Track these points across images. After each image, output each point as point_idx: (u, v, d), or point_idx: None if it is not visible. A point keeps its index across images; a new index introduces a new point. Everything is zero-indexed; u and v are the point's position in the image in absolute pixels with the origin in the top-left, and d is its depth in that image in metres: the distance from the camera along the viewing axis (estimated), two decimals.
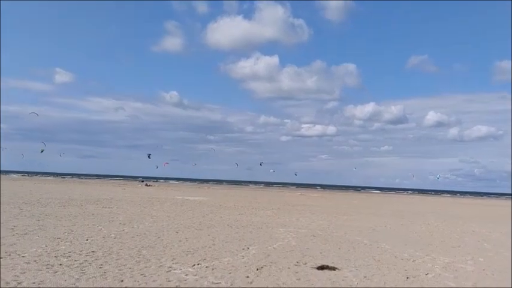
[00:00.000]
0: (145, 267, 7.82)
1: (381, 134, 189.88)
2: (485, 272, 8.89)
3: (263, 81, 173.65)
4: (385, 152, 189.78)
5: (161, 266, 7.98)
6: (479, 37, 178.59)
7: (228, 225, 14.82)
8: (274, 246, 10.87)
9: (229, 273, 7.70)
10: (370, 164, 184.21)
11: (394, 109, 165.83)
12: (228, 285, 6.93)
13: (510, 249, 12.48)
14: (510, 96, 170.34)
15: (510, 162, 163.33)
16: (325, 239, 12.68)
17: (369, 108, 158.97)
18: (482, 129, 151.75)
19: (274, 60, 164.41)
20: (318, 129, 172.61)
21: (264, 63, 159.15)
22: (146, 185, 58.34)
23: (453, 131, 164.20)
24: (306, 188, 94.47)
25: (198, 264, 8.25)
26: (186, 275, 7.42)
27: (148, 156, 52.56)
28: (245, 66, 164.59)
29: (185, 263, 8.35)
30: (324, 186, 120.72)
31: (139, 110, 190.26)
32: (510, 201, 72.64)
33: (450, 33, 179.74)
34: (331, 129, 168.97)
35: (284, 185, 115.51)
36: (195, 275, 7.41)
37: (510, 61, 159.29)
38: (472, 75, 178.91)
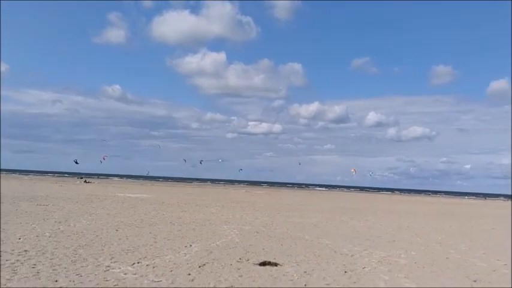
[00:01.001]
0: (82, 266, 7.51)
1: (324, 132, 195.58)
2: (416, 265, 9.39)
3: (210, 78, 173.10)
4: (327, 150, 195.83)
5: (99, 265, 7.70)
6: (418, 42, 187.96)
7: (170, 222, 14.59)
8: (217, 243, 10.84)
9: (171, 271, 7.58)
10: (314, 161, 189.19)
11: (337, 109, 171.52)
12: (169, 283, 6.82)
13: (438, 242, 13.27)
14: (443, 99, 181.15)
15: (443, 161, 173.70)
16: (268, 235, 12.83)
17: (314, 107, 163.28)
18: (417, 130, 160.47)
19: (221, 56, 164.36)
20: (264, 127, 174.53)
21: (211, 59, 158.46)
22: (85, 181, 56.02)
23: (391, 131, 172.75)
24: (251, 185, 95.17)
25: (138, 263, 8.04)
26: (125, 274, 7.22)
27: (76, 162, 50.81)
28: (192, 62, 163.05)
29: (124, 261, 8.11)
30: (268, 184, 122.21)
31: (79, 104, 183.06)
32: (439, 198, 77.40)
33: (391, 37, 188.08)
34: (277, 127, 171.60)
35: (229, 182, 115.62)
36: (135, 274, 7.22)
37: (445, 66, 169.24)
38: (410, 78, 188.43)
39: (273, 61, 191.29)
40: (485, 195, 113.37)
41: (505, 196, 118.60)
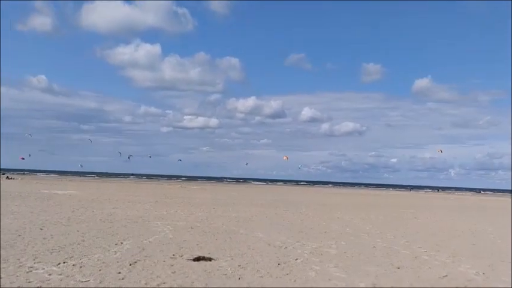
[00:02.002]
0: (3, 268, 6.99)
1: (260, 127, 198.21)
2: (346, 254, 9.78)
3: (143, 70, 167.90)
4: (264, 144, 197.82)
5: (21, 266, 7.22)
6: (350, 39, 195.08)
7: (100, 220, 14.01)
8: (150, 239, 10.58)
9: (99, 270, 7.27)
10: (250, 156, 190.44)
11: (273, 104, 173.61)
12: (98, 282, 6.54)
13: (366, 232, 13.94)
14: (373, 96, 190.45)
15: (371, 155, 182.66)
16: (203, 230, 12.74)
17: (251, 102, 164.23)
18: (349, 125, 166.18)
19: (156, 48, 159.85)
20: (200, 121, 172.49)
21: (145, 50, 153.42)
22: (8, 177, 52.31)
23: (325, 126, 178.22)
24: (187, 180, 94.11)
25: (64, 263, 7.63)
26: (50, 274, 6.82)
27: None
28: (124, 53, 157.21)
29: (49, 261, 7.67)
30: (205, 178, 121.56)
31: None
32: (368, 190, 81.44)
33: (325, 34, 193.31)
34: (214, 121, 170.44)
35: (165, 177, 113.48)
36: (60, 274, 6.85)
37: (375, 64, 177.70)
38: (343, 75, 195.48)
39: (209, 54, 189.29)
40: (411, 187, 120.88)
41: (429, 187, 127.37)
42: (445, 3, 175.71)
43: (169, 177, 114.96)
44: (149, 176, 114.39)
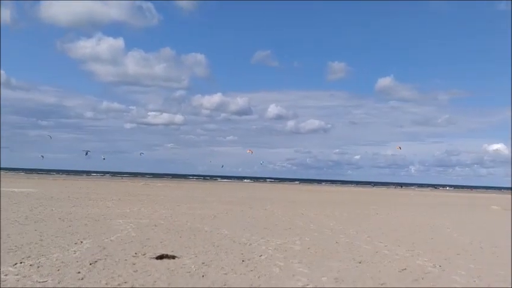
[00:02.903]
0: None
1: (226, 124, 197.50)
2: (309, 250, 9.90)
3: (106, 64, 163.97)
4: (229, 141, 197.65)
5: None
6: (316, 38, 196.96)
7: (59, 218, 13.58)
8: (112, 238, 10.35)
9: (58, 270, 7.05)
10: (216, 153, 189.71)
11: (240, 101, 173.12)
12: (56, 283, 6.34)
13: (330, 228, 14.17)
14: (337, 94, 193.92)
15: (336, 152, 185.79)
16: (167, 228, 12.59)
17: (216, 98, 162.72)
18: (314, 123, 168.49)
19: (119, 42, 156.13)
20: (165, 117, 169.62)
21: (108, 44, 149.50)
22: None
23: (291, 124, 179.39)
24: (151, 178, 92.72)
25: (20, 263, 7.35)
26: (6, 275, 6.56)
27: None
28: (86, 46, 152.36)
29: (5, 262, 7.36)
30: (169, 176, 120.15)
31: None
32: (332, 187, 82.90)
33: (291, 32, 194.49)
34: (179, 118, 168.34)
35: (130, 174, 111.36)
36: (17, 275, 6.60)
37: (340, 62, 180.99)
38: (308, 73, 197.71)
39: (175, 50, 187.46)
40: (373, 183, 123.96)
41: (393, 184, 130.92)
42: (409, 3, 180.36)
43: (134, 175, 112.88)
44: (112, 174, 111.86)
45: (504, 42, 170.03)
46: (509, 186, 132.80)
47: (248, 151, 57.87)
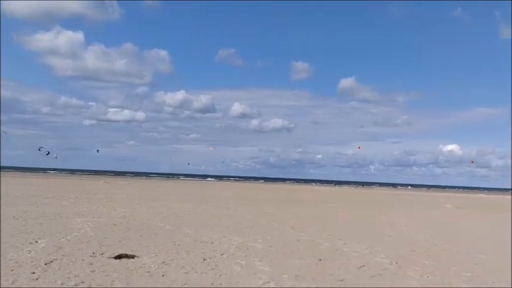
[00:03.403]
0: None
1: (190, 122, 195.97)
2: (271, 248, 9.96)
3: (64, 58, 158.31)
4: (193, 139, 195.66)
5: None
6: (280, 37, 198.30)
7: (13, 217, 13.01)
8: (68, 237, 10.02)
9: (12, 270, 6.76)
10: (179, 151, 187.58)
11: (203, 98, 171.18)
12: (10, 283, 6.09)
13: (291, 226, 14.32)
14: (301, 93, 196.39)
15: (298, 151, 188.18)
16: (127, 227, 12.32)
17: (180, 95, 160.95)
18: (278, 122, 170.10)
19: (79, 36, 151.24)
20: (126, 114, 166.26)
21: (67, 38, 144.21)
22: None
23: (254, 122, 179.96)
24: (111, 176, 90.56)
25: None
26: None
27: None
28: (43, 40, 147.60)
29: None
30: (131, 174, 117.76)
31: None
32: (294, 185, 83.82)
33: (255, 30, 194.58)
34: (140, 114, 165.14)
35: (88, 172, 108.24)
36: None
37: (303, 62, 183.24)
38: (272, 72, 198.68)
39: (137, 46, 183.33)
40: (335, 182, 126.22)
41: (354, 183, 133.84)
42: (370, 4, 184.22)
43: (94, 172, 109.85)
44: (71, 171, 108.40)
45: (459, 48, 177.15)
46: (462, 185, 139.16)
47: (211, 148, 57.69)
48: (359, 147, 70.33)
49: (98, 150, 68.09)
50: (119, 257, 8.15)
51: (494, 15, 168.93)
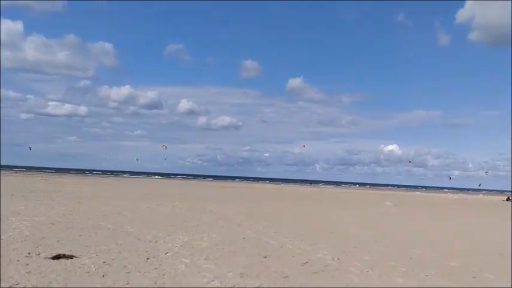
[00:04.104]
0: None
1: (135, 117, 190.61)
2: (217, 247, 9.94)
3: (2, 49, 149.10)
4: (138, 136, 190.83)
5: None
6: (231, 34, 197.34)
7: None
8: (2, 237, 9.43)
9: None
10: (123, 147, 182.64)
11: (150, 94, 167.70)
12: None
13: (238, 224, 14.37)
14: (250, 92, 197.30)
15: (246, 149, 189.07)
16: (66, 226, 11.81)
17: (125, 91, 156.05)
18: (226, 120, 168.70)
19: (18, 26, 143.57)
20: (67, 108, 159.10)
21: (4, 27, 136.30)
22: None
23: (202, 120, 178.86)
24: (50, 173, 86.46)
25: None
26: None
27: None
28: None
29: None
30: (72, 170, 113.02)
31: None
32: (241, 183, 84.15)
33: (205, 27, 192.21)
34: (83, 109, 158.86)
35: (26, 169, 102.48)
36: None
37: (253, 61, 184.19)
38: (222, 70, 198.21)
39: (80, 38, 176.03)
40: (283, 180, 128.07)
41: (301, 181, 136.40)
42: (319, 5, 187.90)
43: (32, 169, 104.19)
44: (7, 168, 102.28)
45: (401, 52, 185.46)
46: (401, 184, 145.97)
47: (162, 147, 56.54)
48: (304, 146, 72.29)
49: (30, 148, 64.27)
50: (57, 257, 7.80)
51: (434, 23, 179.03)
